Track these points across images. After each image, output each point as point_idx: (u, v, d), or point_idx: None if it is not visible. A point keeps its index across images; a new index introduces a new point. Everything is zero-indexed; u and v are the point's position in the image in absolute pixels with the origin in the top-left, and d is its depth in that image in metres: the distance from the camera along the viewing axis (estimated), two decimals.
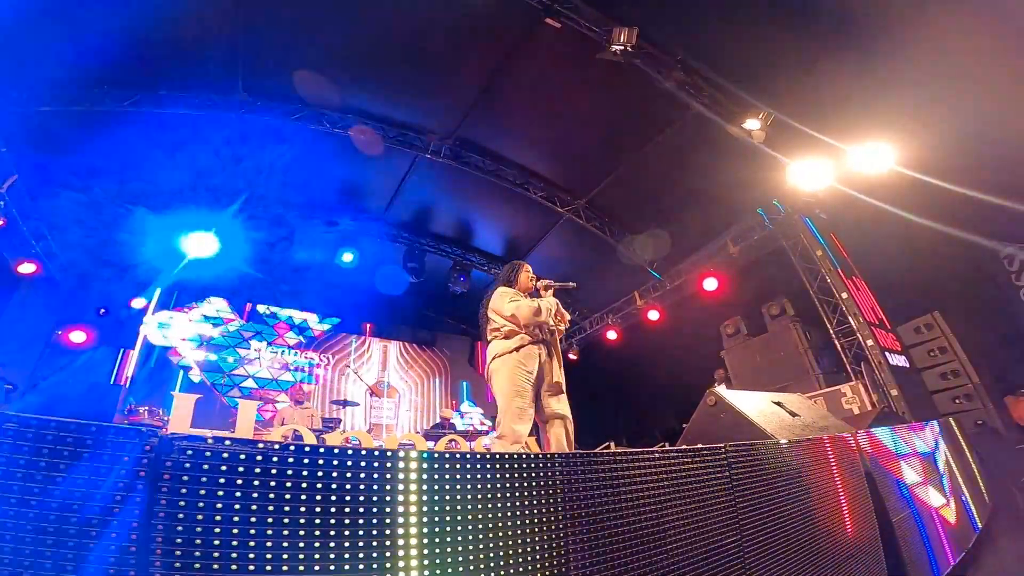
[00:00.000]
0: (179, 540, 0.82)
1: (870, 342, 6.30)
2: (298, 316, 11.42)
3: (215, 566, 0.82)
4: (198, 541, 0.82)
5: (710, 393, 3.15)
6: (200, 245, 8.71)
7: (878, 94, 6.05)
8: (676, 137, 7.61)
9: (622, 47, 6.08)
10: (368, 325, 12.29)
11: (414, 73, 7.25)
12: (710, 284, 9.03)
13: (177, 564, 0.80)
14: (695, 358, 9.33)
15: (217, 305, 10.59)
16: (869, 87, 6.02)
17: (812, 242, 7.21)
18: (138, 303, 9.67)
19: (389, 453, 1.04)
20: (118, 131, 7.18)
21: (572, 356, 12.41)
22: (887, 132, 6.14)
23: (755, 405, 3.11)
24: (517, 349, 3.23)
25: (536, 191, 9.25)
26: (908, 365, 6.56)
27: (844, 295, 6.69)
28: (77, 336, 9.02)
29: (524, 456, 1.27)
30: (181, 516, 0.82)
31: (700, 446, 1.83)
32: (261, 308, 11.12)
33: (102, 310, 9.42)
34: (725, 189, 8.02)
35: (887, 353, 6.25)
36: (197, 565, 0.80)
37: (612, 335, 11.35)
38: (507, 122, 8.33)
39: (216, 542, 0.83)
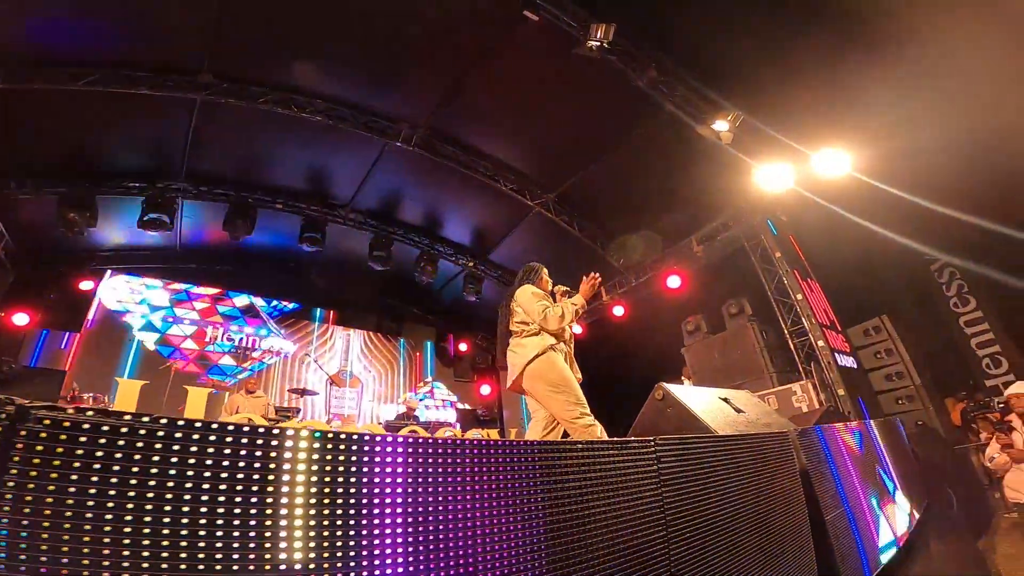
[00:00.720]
0: (28, 510, 0.75)
1: (821, 343, 6.49)
2: (259, 301, 11.18)
3: (64, 536, 0.76)
4: (47, 512, 0.76)
5: (658, 387, 3.13)
6: (154, 227, 8.40)
7: (841, 101, 6.22)
8: (647, 136, 7.67)
9: (599, 43, 6.06)
10: (331, 313, 12.06)
11: (388, 61, 7.10)
12: (673, 282, 9.16)
13: (22, 545, 0.73)
14: (657, 354, 9.48)
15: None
16: (833, 93, 6.18)
17: (772, 244, 7.37)
18: (86, 286, 9.32)
19: (276, 432, 0.98)
20: (72, 110, 6.86)
21: None
22: (846, 138, 6.31)
23: (701, 401, 3.13)
24: (552, 347, 3.33)
25: (507, 184, 9.21)
26: (856, 366, 6.79)
27: (799, 296, 6.86)
28: (19, 319, 8.60)
29: (431, 441, 1.24)
30: (31, 487, 0.75)
31: (628, 438, 1.82)
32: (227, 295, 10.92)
33: (49, 292, 9.01)
34: (692, 189, 8.15)
35: (836, 354, 6.44)
36: (44, 547, 0.73)
37: (577, 329, 11.41)
38: (481, 114, 8.25)
39: (68, 514, 0.76)
